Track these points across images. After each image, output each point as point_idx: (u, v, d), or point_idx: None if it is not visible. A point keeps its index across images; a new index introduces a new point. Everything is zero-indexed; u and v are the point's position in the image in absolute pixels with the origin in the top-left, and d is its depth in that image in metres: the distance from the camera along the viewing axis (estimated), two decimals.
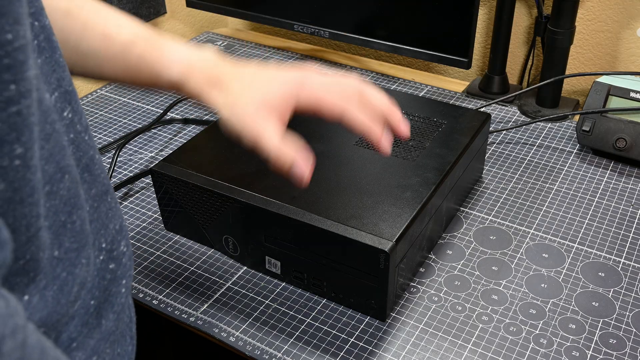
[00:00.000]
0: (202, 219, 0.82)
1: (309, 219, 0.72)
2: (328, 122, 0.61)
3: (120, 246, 0.48)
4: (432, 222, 0.80)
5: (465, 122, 0.89)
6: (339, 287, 0.75)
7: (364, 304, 0.74)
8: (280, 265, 0.78)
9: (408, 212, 0.73)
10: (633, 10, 1.10)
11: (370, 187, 0.77)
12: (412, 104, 0.94)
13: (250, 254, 0.80)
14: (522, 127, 1.09)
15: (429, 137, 0.86)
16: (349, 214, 0.72)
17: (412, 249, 0.75)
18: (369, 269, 0.71)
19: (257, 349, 0.71)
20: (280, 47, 1.38)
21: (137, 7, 1.29)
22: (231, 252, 0.83)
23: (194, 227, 0.84)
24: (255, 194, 0.76)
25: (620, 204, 0.91)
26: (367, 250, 0.69)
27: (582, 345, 0.71)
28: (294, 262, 0.77)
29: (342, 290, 0.75)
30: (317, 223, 0.71)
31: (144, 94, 1.21)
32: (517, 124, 1.08)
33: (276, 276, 0.80)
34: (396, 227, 0.70)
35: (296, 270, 0.77)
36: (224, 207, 0.78)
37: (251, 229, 0.77)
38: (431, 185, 0.77)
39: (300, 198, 0.75)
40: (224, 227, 0.81)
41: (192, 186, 0.79)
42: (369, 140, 0.61)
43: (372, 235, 0.69)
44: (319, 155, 0.82)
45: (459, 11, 1.04)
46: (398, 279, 0.73)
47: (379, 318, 0.75)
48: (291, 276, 0.78)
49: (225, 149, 0.84)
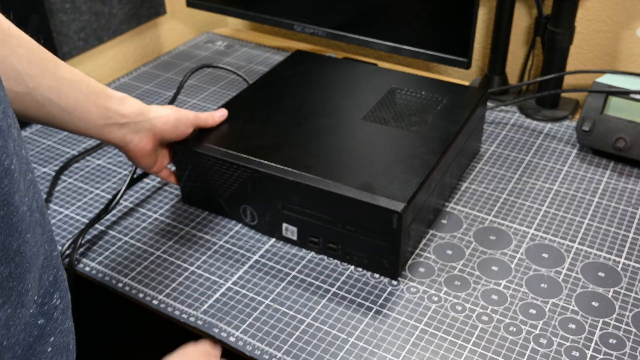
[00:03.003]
0: (221, 190, 0.86)
1: (325, 185, 0.77)
2: (336, 98, 0.64)
3: (53, 299, 0.44)
4: (438, 189, 0.85)
5: (464, 98, 0.95)
6: (353, 249, 0.80)
7: (377, 264, 0.79)
8: (297, 231, 0.83)
9: (417, 177, 0.78)
10: (633, 10, 1.10)
11: (379, 157, 0.82)
12: (413, 82, 1.00)
13: (267, 222, 0.85)
14: (522, 127, 1.09)
15: (431, 112, 0.91)
16: (362, 180, 0.77)
17: (420, 212, 0.80)
18: (382, 230, 0.76)
19: (257, 349, 0.71)
20: (280, 47, 1.38)
21: (137, 7, 1.29)
22: (249, 221, 0.87)
23: (212, 199, 0.89)
24: (272, 164, 0.81)
25: (620, 204, 0.91)
26: (380, 211, 0.74)
27: (582, 345, 0.71)
28: (310, 228, 0.82)
29: (357, 252, 0.80)
30: (332, 188, 0.77)
31: (144, 94, 1.21)
32: (517, 124, 1.08)
33: (293, 242, 0.85)
34: (407, 191, 0.76)
35: (312, 235, 0.82)
36: (242, 178, 0.82)
37: (269, 198, 0.82)
38: (437, 154, 0.83)
39: (315, 167, 0.80)
40: (242, 197, 0.85)
41: (212, 158, 0.84)
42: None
43: (384, 198, 0.74)
44: (329, 130, 0.88)
45: (459, 11, 1.04)
46: (408, 240, 0.79)
47: (392, 277, 0.80)
48: (307, 241, 0.83)
49: (241, 124, 0.89)
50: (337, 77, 1.01)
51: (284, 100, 0.94)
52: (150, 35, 1.36)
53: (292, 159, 0.81)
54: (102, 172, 1.00)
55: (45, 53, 0.67)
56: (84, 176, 0.99)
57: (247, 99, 0.96)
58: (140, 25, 1.32)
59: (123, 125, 0.75)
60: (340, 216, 0.78)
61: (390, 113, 0.91)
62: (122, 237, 0.87)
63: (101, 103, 0.73)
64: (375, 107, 0.93)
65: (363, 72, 1.03)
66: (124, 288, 0.79)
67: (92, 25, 1.21)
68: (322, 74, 1.02)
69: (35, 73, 0.65)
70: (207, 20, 1.50)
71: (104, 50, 1.27)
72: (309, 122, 0.89)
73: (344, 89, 0.97)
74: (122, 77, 1.27)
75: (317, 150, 0.84)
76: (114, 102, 0.74)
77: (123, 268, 0.82)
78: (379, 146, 0.84)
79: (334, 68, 1.03)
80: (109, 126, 0.74)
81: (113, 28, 1.26)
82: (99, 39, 1.24)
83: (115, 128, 0.75)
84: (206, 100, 1.18)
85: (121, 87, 1.23)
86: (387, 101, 0.94)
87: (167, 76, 1.27)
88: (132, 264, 0.83)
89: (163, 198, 0.94)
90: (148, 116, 0.78)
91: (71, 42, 1.18)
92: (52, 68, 0.67)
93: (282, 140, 0.86)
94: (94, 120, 0.73)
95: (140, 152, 0.79)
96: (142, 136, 0.78)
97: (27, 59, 0.64)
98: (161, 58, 1.34)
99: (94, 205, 0.93)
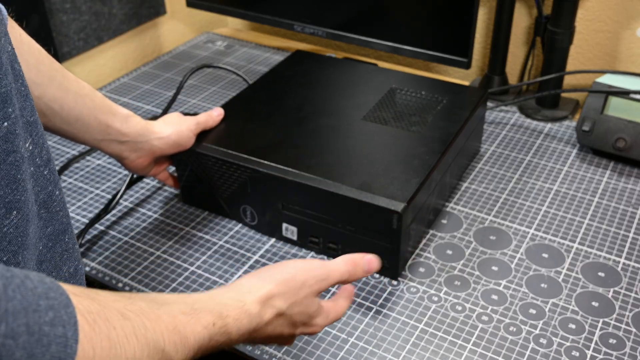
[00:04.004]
0: (221, 190, 0.86)
1: (325, 185, 0.77)
2: (336, 98, 0.63)
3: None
4: (438, 189, 0.85)
5: (464, 98, 0.95)
6: (353, 249, 0.78)
7: None
8: (297, 231, 0.83)
9: (417, 177, 0.78)
10: (633, 10, 1.10)
11: (379, 157, 0.82)
12: (413, 82, 0.99)
13: (267, 222, 0.85)
14: (522, 127, 1.09)
15: (431, 112, 0.91)
16: (362, 180, 0.78)
17: (420, 212, 0.80)
18: (382, 230, 0.76)
19: (257, 349, 0.71)
20: (280, 47, 1.38)
21: (137, 7, 1.29)
22: (249, 221, 0.87)
23: (212, 199, 0.88)
24: (272, 164, 0.81)
25: (620, 204, 0.91)
26: (380, 211, 0.74)
27: (582, 345, 0.71)
28: (310, 228, 0.81)
29: (357, 252, 0.78)
30: (332, 188, 0.77)
31: (144, 94, 1.21)
32: (517, 124, 1.08)
33: (293, 242, 0.84)
34: (407, 191, 0.76)
35: (312, 235, 0.82)
36: (243, 178, 0.82)
37: (269, 198, 0.82)
38: (437, 154, 0.83)
39: (315, 167, 0.80)
40: (242, 197, 0.85)
41: (212, 158, 0.83)
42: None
43: (384, 198, 0.75)
44: (329, 129, 0.88)
45: (459, 11, 1.04)
46: (408, 240, 0.79)
47: (392, 277, 0.80)
48: (307, 241, 0.83)
49: (241, 124, 0.89)
50: (337, 77, 1.01)
51: (284, 100, 0.94)
52: (150, 35, 1.36)
53: (292, 159, 0.81)
54: (102, 172, 1.00)
55: (54, 64, 0.68)
56: (84, 176, 0.99)
57: (247, 99, 0.96)
58: (140, 25, 1.32)
59: (122, 142, 0.77)
60: (340, 216, 0.78)
61: (390, 113, 0.91)
62: (122, 237, 0.87)
63: (103, 119, 0.74)
64: (375, 107, 0.93)
65: (363, 72, 1.03)
66: (124, 288, 0.79)
67: (92, 25, 1.21)
68: (322, 74, 1.02)
69: (41, 82, 0.65)
70: (207, 20, 1.50)
71: (104, 50, 1.27)
72: (309, 122, 0.89)
73: (344, 89, 0.97)
74: (122, 77, 1.27)
75: (317, 150, 0.84)
76: (117, 120, 0.75)
77: (123, 268, 0.82)
78: (379, 146, 0.84)
79: (334, 68, 1.03)
80: (107, 141, 0.76)
81: (113, 28, 1.26)
82: (99, 39, 1.24)
83: (114, 144, 0.76)
84: (206, 100, 1.18)
85: (121, 87, 1.23)
86: (387, 101, 0.94)
87: (167, 76, 1.27)
88: (132, 264, 0.83)
89: (163, 198, 0.94)
90: (148, 137, 0.79)
91: (71, 42, 1.18)
92: (59, 79, 0.68)
93: (282, 140, 0.86)
94: (93, 134, 0.74)
95: (136, 167, 0.81)
96: (139, 154, 0.79)
97: (36, 68, 0.64)
98: (161, 58, 1.34)
99: (94, 205, 0.93)
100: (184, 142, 0.83)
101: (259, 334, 0.52)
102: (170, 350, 0.42)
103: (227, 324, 0.47)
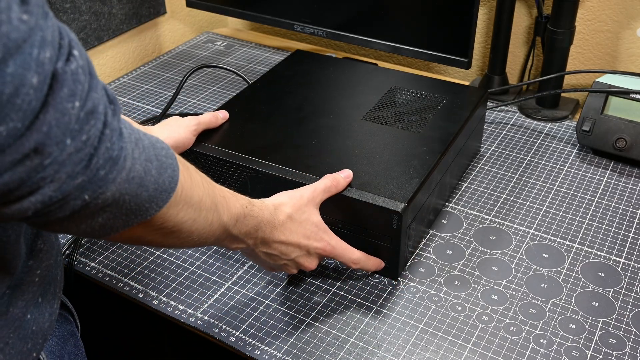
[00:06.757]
0: None
1: None
2: (336, 98, 0.63)
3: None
4: (438, 189, 0.84)
5: (464, 97, 0.95)
6: None
7: None
8: None
9: (417, 177, 0.78)
10: (633, 10, 1.10)
11: (379, 157, 0.82)
12: (413, 82, 0.99)
13: None
14: (522, 127, 1.09)
15: (431, 112, 0.91)
16: (362, 180, 0.78)
17: (420, 212, 0.80)
18: (382, 230, 0.76)
19: (257, 349, 0.71)
20: (280, 47, 1.38)
21: (137, 7, 1.29)
22: None
23: None
24: (272, 163, 0.81)
25: (620, 204, 0.91)
26: (380, 211, 0.74)
27: (582, 345, 0.71)
28: None
29: None
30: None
31: (144, 94, 1.21)
32: (517, 124, 1.08)
33: None
34: (407, 191, 0.76)
35: None
36: (243, 178, 0.83)
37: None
38: (437, 153, 0.83)
39: (315, 167, 0.80)
40: None
41: (212, 158, 0.84)
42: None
43: (384, 198, 0.75)
44: (329, 129, 0.88)
45: (459, 11, 1.04)
46: (408, 240, 0.79)
47: (392, 277, 0.80)
48: None
49: (241, 124, 0.89)
50: (337, 77, 1.01)
51: (284, 100, 0.94)
52: (150, 35, 1.36)
53: (292, 159, 0.81)
54: None
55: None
56: None
57: (247, 99, 0.96)
58: (140, 25, 1.32)
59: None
60: (340, 216, 0.78)
61: (390, 113, 0.91)
62: None
63: None
64: (375, 107, 0.93)
65: (363, 72, 1.03)
66: (123, 288, 0.79)
67: (92, 25, 1.21)
68: (322, 74, 1.02)
69: None
70: (207, 20, 1.50)
71: (104, 50, 1.27)
72: (309, 122, 0.89)
73: (344, 89, 0.97)
74: (122, 77, 1.27)
75: (317, 150, 0.84)
76: None
77: (123, 268, 0.82)
78: (379, 146, 0.84)
79: (334, 68, 1.03)
80: None
81: (113, 28, 1.26)
82: (99, 38, 1.24)
83: None
84: (206, 100, 1.18)
85: (121, 87, 1.23)
86: (387, 101, 0.94)
87: (167, 76, 1.27)
88: (132, 264, 0.83)
89: None
90: None
91: None
92: None
93: (282, 140, 0.86)
94: None
95: None
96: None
97: None
98: (161, 58, 1.34)
99: None
100: (182, 143, 0.83)
101: (279, 237, 0.68)
102: (220, 208, 0.58)
103: (254, 210, 0.64)
